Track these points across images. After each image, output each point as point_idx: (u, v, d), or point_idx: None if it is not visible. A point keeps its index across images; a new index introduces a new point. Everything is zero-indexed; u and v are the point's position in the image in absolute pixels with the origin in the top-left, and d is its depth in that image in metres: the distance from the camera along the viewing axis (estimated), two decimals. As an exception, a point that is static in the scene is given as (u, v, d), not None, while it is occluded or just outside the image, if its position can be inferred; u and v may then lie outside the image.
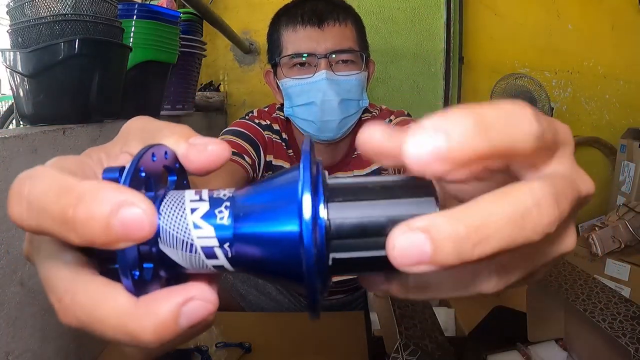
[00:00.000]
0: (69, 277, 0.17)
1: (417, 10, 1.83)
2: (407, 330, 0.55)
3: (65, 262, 0.17)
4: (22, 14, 0.72)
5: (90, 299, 0.16)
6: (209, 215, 0.17)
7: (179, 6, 1.53)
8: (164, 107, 1.17)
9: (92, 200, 0.15)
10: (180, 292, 0.16)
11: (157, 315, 0.15)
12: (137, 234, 0.15)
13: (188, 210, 0.17)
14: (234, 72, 2.08)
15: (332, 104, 0.77)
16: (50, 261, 0.17)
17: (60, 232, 0.16)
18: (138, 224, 0.15)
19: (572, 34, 2.20)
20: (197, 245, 0.17)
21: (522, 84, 1.86)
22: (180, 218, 0.17)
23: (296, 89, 0.80)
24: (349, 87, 0.77)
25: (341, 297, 1.06)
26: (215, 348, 0.81)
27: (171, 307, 0.16)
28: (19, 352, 0.61)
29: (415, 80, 1.87)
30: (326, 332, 0.90)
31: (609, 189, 2.24)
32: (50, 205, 0.16)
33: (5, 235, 0.58)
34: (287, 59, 0.79)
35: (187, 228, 0.17)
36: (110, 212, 0.15)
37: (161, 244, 0.17)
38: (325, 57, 0.77)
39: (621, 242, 1.46)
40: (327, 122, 0.78)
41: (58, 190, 0.16)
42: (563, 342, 0.80)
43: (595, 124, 2.32)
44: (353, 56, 0.79)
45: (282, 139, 0.89)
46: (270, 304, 1.12)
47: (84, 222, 0.15)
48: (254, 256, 0.17)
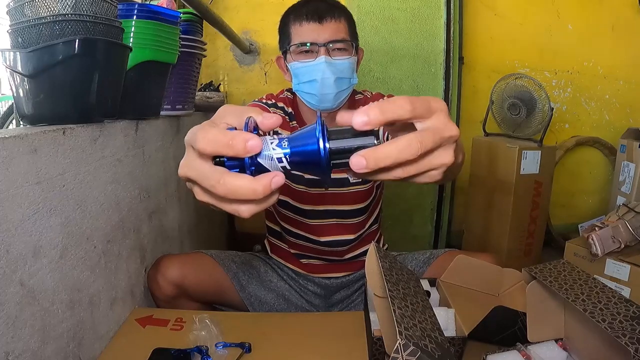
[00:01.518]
0: (219, 172, 0.36)
1: (417, 10, 1.83)
2: (407, 330, 0.55)
3: (216, 168, 0.37)
4: (22, 14, 0.72)
5: (232, 179, 0.35)
6: (278, 144, 0.37)
7: (179, 6, 1.53)
8: (164, 107, 1.17)
9: (239, 137, 0.35)
10: (270, 174, 0.36)
11: (264, 181, 0.35)
12: (254, 150, 0.35)
13: (268, 142, 0.37)
14: (234, 72, 2.08)
15: (330, 80, 0.99)
16: (206, 166, 0.37)
17: (224, 151, 0.35)
18: (254, 146, 0.35)
19: (572, 34, 2.20)
20: (274, 157, 0.37)
21: (522, 84, 1.86)
22: (267, 146, 0.37)
23: (302, 70, 1.01)
24: (342, 68, 1.00)
25: (345, 275, 1.19)
26: (216, 348, 0.81)
27: (269, 177, 0.35)
28: (19, 352, 0.61)
29: (415, 80, 1.87)
30: (326, 332, 0.90)
31: (609, 189, 2.25)
32: (220, 139, 0.35)
33: (5, 235, 0.58)
34: (295, 47, 1.00)
35: (270, 149, 0.37)
36: (244, 141, 0.35)
37: (259, 158, 0.37)
38: (324, 45, 0.98)
39: (621, 242, 1.46)
40: (326, 95, 1.00)
41: (222, 134, 0.35)
42: (563, 342, 0.80)
43: (595, 124, 2.32)
44: (346, 45, 1.00)
45: (287, 113, 1.11)
46: (269, 295, 1.15)
47: (236, 146, 0.35)
48: (299, 160, 0.37)
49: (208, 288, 1.08)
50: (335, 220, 1.13)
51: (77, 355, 0.76)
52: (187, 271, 1.04)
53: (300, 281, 1.19)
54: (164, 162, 1.16)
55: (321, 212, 1.12)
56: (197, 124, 0.40)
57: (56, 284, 0.70)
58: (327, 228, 1.14)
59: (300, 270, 1.19)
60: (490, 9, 2.11)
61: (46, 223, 0.67)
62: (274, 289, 1.16)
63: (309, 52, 0.99)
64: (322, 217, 1.13)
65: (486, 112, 1.98)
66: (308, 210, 1.12)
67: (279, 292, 1.16)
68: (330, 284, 1.18)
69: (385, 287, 0.67)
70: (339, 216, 1.13)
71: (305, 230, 1.15)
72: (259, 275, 1.16)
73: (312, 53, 0.99)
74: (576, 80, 2.25)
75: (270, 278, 1.17)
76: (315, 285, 1.18)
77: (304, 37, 0.99)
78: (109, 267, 0.87)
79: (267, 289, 1.15)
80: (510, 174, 1.80)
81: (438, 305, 0.97)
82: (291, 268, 1.19)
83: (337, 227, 1.14)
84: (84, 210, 0.77)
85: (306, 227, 1.14)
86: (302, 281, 1.19)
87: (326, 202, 1.11)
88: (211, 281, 1.09)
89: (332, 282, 1.18)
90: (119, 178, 0.91)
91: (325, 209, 1.12)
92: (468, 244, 2.05)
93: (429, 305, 0.73)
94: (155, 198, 1.11)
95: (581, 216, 2.27)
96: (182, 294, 1.04)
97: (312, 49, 0.99)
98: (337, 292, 1.19)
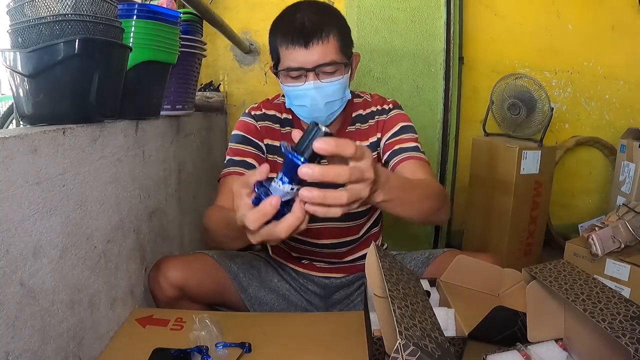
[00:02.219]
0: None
1: (417, 10, 1.83)
2: (407, 330, 0.55)
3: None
4: (22, 14, 0.72)
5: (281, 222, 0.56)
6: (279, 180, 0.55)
7: (179, 6, 1.53)
8: (164, 107, 1.17)
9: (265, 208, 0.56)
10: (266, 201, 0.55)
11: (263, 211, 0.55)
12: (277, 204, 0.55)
13: (275, 186, 0.55)
14: (234, 72, 2.08)
15: (319, 106, 0.98)
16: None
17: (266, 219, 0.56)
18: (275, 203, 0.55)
19: (572, 34, 2.20)
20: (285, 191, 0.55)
21: (522, 84, 1.86)
22: (276, 189, 0.55)
23: (291, 93, 1.00)
24: (332, 91, 0.97)
25: (345, 275, 1.19)
26: (215, 348, 0.81)
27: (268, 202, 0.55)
28: (19, 352, 0.61)
29: (415, 80, 1.87)
30: (326, 332, 0.90)
31: (609, 189, 2.25)
32: (260, 218, 0.56)
33: (5, 235, 0.58)
34: (283, 71, 0.98)
35: (279, 190, 0.55)
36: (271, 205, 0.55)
37: (283, 200, 0.55)
38: (312, 70, 0.95)
39: (621, 242, 1.45)
40: (317, 118, 1.00)
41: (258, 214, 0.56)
42: (563, 342, 0.80)
43: (595, 124, 2.32)
44: (335, 67, 0.96)
45: (281, 120, 1.12)
46: (269, 295, 1.15)
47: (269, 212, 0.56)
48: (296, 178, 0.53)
49: (209, 289, 1.08)
50: (335, 224, 1.13)
51: (77, 355, 0.76)
52: (188, 273, 1.03)
53: (301, 280, 1.19)
54: (164, 162, 1.16)
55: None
56: (197, 124, 0.41)
57: (56, 284, 0.70)
58: (327, 231, 1.14)
59: (300, 269, 1.19)
60: (490, 9, 2.11)
61: (46, 223, 0.67)
62: (274, 289, 1.16)
63: (297, 76, 0.97)
64: (322, 220, 1.13)
65: (486, 112, 1.98)
66: None
67: (280, 292, 1.16)
68: (330, 284, 1.18)
69: (385, 287, 0.67)
70: (339, 219, 1.13)
71: (304, 233, 1.15)
72: (260, 276, 1.16)
73: (300, 77, 0.96)
74: (576, 80, 2.25)
75: (271, 278, 1.17)
76: (315, 285, 1.18)
77: (291, 62, 0.95)
78: (109, 267, 0.87)
79: (267, 289, 1.15)
80: (510, 174, 1.80)
81: (438, 305, 0.97)
82: (292, 267, 1.20)
83: (337, 230, 1.14)
84: (84, 210, 0.77)
85: (306, 230, 1.14)
86: (302, 280, 1.19)
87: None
88: (212, 283, 1.08)
89: (331, 282, 1.18)
90: (119, 178, 0.91)
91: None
92: (468, 244, 2.05)
93: (429, 305, 0.73)
94: (155, 198, 1.11)
95: (581, 216, 2.27)
96: (184, 296, 1.04)
97: (300, 73, 0.96)
98: (337, 291, 1.19)
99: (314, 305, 1.18)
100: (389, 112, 1.12)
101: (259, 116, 1.11)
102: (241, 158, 1.06)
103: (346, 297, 1.19)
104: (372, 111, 1.12)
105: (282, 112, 1.12)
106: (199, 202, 1.50)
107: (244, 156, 1.06)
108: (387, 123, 1.10)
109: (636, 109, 2.32)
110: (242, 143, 1.08)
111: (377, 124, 1.11)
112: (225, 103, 2.03)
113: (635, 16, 2.21)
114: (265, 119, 1.11)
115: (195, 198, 1.46)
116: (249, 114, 1.12)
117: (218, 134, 1.89)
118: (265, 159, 1.09)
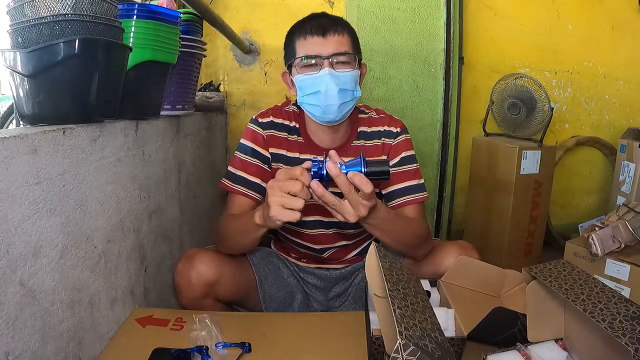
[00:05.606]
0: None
1: (417, 10, 1.83)
2: (407, 330, 0.55)
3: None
4: (22, 14, 0.72)
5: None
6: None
7: (179, 6, 1.53)
8: (164, 107, 1.17)
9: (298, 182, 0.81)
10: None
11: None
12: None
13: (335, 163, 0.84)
14: (234, 72, 2.08)
15: (333, 92, 1.01)
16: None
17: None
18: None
19: (572, 34, 2.20)
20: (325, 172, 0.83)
21: (522, 84, 1.86)
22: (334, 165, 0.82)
23: (306, 82, 1.04)
24: (345, 80, 1.02)
25: (343, 267, 1.22)
26: (215, 348, 0.81)
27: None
28: (19, 352, 0.61)
29: (415, 80, 1.87)
30: (326, 332, 0.90)
31: (609, 189, 2.24)
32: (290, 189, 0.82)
33: (5, 235, 0.58)
34: (299, 60, 1.03)
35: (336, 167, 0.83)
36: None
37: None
38: (328, 58, 1.01)
39: (621, 242, 1.45)
40: (330, 106, 1.03)
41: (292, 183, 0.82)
42: (563, 342, 0.80)
43: (595, 124, 2.32)
44: (349, 58, 1.03)
45: (289, 128, 1.15)
46: (280, 292, 1.16)
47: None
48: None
49: (240, 286, 1.08)
50: (335, 230, 1.16)
51: (77, 355, 0.76)
52: (224, 269, 1.03)
53: (302, 274, 1.22)
54: (164, 162, 1.16)
55: (322, 222, 1.14)
56: (197, 124, 0.41)
57: (56, 284, 0.70)
58: (325, 238, 1.17)
59: (302, 264, 1.22)
60: (490, 9, 2.11)
61: (46, 223, 0.67)
62: (284, 286, 1.18)
63: (313, 65, 1.02)
64: (322, 227, 1.15)
65: (486, 112, 1.98)
66: (308, 221, 1.13)
67: (288, 289, 1.18)
68: (330, 275, 1.20)
69: (385, 287, 0.67)
70: (339, 226, 1.14)
71: (304, 239, 1.18)
72: (275, 272, 1.18)
73: (316, 66, 1.02)
74: (576, 80, 2.25)
75: (282, 274, 1.20)
76: (315, 278, 1.21)
77: (308, 51, 1.02)
78: (109, 267, 0.87)
79: (279, 285, 1.17)
80: (510, 174, 1.80)
81: (438, 305, 0.97)
82: (294, 262, 1.23)
83: (336, 236, 1.17)
84: (84, 210, 0.77)
85: (306, 236, 1.17)
86: (302, 274, 1.22)
87: (326, 214, 1.10)
88: (243, 279, 1.09)
89: (331, 273, 1.20)
90: (119, 178, 0.91)
91: (329, 220, 1.13)
92: (468, 244, 2.04)
93: (429, 305, 0.73)
94: (155, 198, 1.11)
95: (581, 216, 2.27)
96: (211, 294, 1.03)
97: (317, 61, 1.01)
98: (337, 284, 1.21)
99: (316, 299, 1.20)
100: (396, 137, 1.15)
101: (265, 124, 1.14)
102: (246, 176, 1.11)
103: (344, 290, 1.21)
104: (378, 131, 1.15)
105: (292, 120, 1.15)
106: (199, 202, 1.51)
107: (250, 173, 1.11)
108: (393, 149, 1.14)
109: (636, 109, 2.32)
110: (249, 155, 1.12)
111: (383, 146, 1.14)
112: (225, 103, 2.03)
113: (635, 16, 2.21)
114: (271, 127, 1.14)
115: (195, 198, 1.46)
116: (256, 121, 1.15)
117: (218, 134, 1.90)
118: (269, 172, 1.13)
